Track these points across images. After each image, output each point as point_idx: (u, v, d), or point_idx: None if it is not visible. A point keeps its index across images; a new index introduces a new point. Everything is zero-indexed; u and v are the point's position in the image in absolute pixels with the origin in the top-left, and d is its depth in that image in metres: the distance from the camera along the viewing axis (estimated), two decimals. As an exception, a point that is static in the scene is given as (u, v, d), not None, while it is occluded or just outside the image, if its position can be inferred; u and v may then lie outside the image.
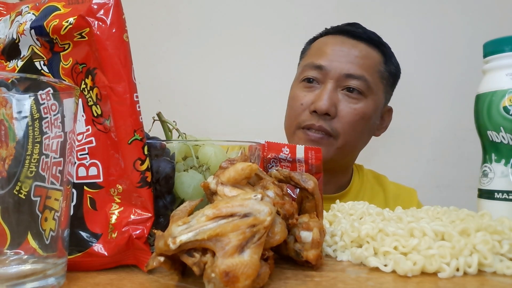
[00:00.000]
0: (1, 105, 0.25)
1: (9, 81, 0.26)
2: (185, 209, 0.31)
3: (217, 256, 0.24)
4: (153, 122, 0.42)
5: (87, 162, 0.32)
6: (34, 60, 0.34)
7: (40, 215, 0.26)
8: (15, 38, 0.34)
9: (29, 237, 0.26)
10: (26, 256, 0.26)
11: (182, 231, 0.25)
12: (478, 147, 0.46)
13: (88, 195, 0.32)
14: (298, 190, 0.34)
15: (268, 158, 0.54)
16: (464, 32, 1.15)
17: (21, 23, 0.34)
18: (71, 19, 0.31)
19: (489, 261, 0.29)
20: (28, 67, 0.34)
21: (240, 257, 0.24)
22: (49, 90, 0.27)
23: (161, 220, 0.35)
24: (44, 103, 0.26)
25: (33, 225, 0.26)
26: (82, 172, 0.32)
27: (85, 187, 0.32)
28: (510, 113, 0.41)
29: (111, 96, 0.31)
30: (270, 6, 1.22)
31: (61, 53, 0.33)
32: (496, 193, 0.42)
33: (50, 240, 0.26)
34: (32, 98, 0.26)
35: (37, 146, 0.26)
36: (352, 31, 0.81)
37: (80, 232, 0.31)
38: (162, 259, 0.26)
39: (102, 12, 0.31)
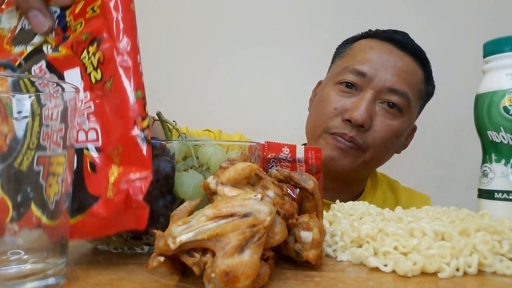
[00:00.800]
0: None
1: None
2: (185, 209, 0.31)
3: (217, 256, 0.24)
4: (153, 122, 0.42)
5: (86, 127, 0.33)
6: (42, 45, 0.36)
7: (44, 184, 0.26)
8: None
9: (33, 207, 0.25)
10: (26, 256, 0.26)
11: (182, 231, 0.25)
12: (478, 147, 0.46)
13: (88, 159, 0.32)
14: (298, 190, 0.34)
15: (268, 158, 0.54)
16: (464, 32, 1.15)
17: None
18: (89, 8, 0.34)
19: (489, 261, 0.29)
20: (36, 52, 0.36)
21: (240, 257, 0.24)
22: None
23: (161, 220, 0.35)
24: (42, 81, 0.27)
25: (36, 195, 0.26)
26: (81, 136, 0.33)
27: (84, 151, 0.33)
28: (510, 113, 0.41)
29: (115, 57, 0.32)
30: (270, 6, 1.22)
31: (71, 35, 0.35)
32: (496, 193, 0.42)
33: (55, 205, 0.26)
34: (32, 98, 0.26)
35: (37, 118, 0.25)
36: (401, 41, 0.76)
37: (81, 195, 0.32)
38: (162, 259, 0.26)
39: None
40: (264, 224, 0.25)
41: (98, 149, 0.32)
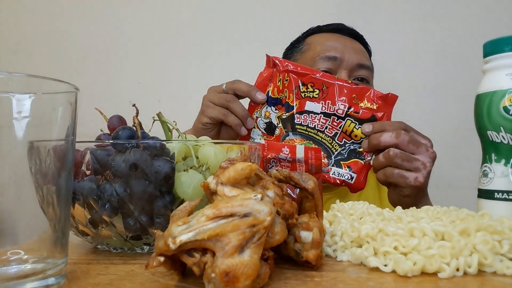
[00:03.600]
0: None
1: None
2: (185, 209, 0.31)
3: (217, 256, 0.24)
4: (153, 122, 0.42)
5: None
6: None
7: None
8: None
9: None
10: (26, 256, 0.26)
11: (182, 231, 0.25)
12: (478, 147, 0.46)
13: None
14: (298, 190, 0.34)
15: (268, 158, 0.54)
16: (464, 32, 1.15)
17: None
18: None
19: (489, 261, 0.29)
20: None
21: (240, 257, 0.24)
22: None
23: (161, 220, 0.35)
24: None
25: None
26: None
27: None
28: (510, 113, 0.41)
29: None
30: (270, 6, 1.22)
31: None
32: (496, 193, 0.42)
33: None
34: (32, 98, 0.26)
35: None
36: (346, 29, 0.90)
37: None
38: (162, 259, 0.26)
39: None
40: (264, 224, 0.25)
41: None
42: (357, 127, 0.64)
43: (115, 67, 1.26)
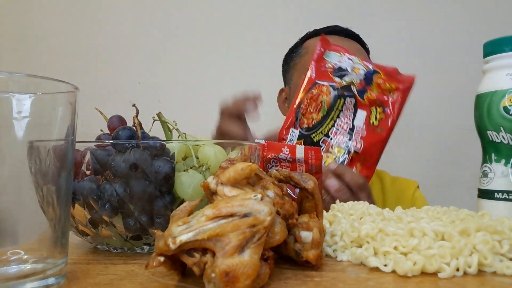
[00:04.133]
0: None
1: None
2: (185, 209, 0.31)
3: (217, 256, 0.24)
4: (153, 122, 0.42)
5: (356, 142, 0.67)
6: (351, 85, 0.68)
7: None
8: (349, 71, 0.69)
9: None
10: (26, 256, 0.26)
11: (182, 231, 0.25)
12: (478, 147, 0.46)
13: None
14: (298, 190, 0.34)
15: (268, 158, 0.54)
16: (464, 32, 1.15)
17: (355, 67, 0.69)
18: (387, 84, 0.68)
19: (489, 261, 0.29)
20: (347, 87, 0.68)
21: (240, 257, 0.24)
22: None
23: (161, 220, 0.35)
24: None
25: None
26: (353, 143, 0.67)
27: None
28: (510, 113, 0.41)
29: (388, 122, 0.68)
30: (269, 7, 1.22)
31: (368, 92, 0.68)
32: (496, 193, 0.42)
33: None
34: (32, 98, 0.26)
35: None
36: (342, 31, 0.90)
37: None
38: (162, 259, 0.26)
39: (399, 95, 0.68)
40: (264, 224, 0.25)
41: (355, 152, 0.65)
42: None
43: (115, 67, 1.26)
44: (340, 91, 0.68)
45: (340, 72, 0.69)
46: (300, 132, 0.68)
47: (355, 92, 0.67)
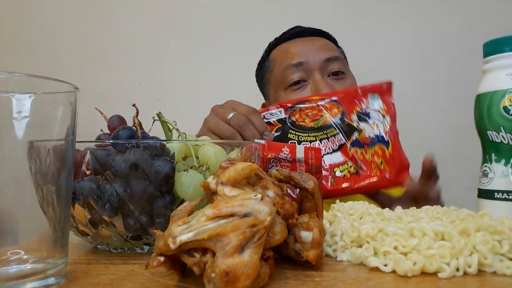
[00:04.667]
0: None
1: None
2: (185, 209, 0.31)
3: (217, 256, 0.24)
4: (153, 122, 0.42)
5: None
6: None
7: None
8: (369, 122, 0.68)
9: None
10: (26, 256, 0.26)
11: (182, 231, 0.25)
12: (478, 147, 0.46)
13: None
14: (298, 190, 0.34)
15: (268, 158, 0.54)
16: (464, 32, 1.15)
17: (376, 124, 0.68)
18: (381, 161, 0.65)
19: (489, 261, 0.29)
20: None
21: (240, 257, 0.24)
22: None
23: (161, 220, 0.35)
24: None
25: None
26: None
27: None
28: (510, 113, 0.41)
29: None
30: (269, 7, 1.22)
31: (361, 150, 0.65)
32: (496, 193, 0.42)
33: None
34: (32, 98, 0.26)
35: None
36: (302, 32, 0.88)
37: None
38: (162, 259, 0.26)
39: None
40: (264, 224, 0.25)
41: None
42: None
43: (115, 67, 1.26)
44: (343, 124, 0.65)
45: (363, 115, 0.66)
46: (285, 118, 0.65)
47: (353, 139, 0.64)
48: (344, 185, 0.63)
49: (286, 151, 0.54)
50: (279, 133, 0.65)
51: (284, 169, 0.35)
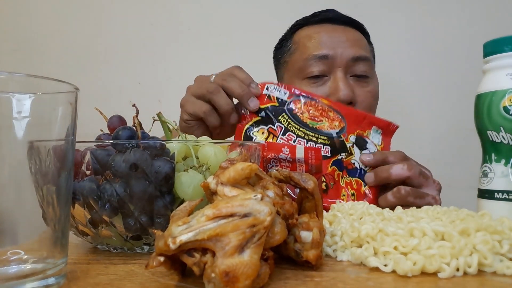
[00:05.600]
0: None
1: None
2: (185, 209, 0.31)
3: (217, 256, 0.24)
4: (153, 122, 0.42)
5: None
6: None
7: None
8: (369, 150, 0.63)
9: None
10: (26, 256, 0.26)
11: (182, 231, 0.25)
12: (478, 147, 0.46)
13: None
14: (298, 190, 0.34)
15: (268, 158, 0.54)
16: (464, 32, 1.15)
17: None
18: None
19: (489, 261, 0.29)
20: None
21: (240, 257, 0.24)
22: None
23: (161, 220, 0.35)
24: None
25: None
26: None
27: None
28: (510, 113, 0.41)
29: None
30: (269, 7, 1.22)
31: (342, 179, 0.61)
32: (496, 193, 0.42)
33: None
34: (32, 98, 0.26)
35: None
36: (336, 18, 0.80)
37: None
38: (162, 259, 0.26)
39: None
40: (264, 224, 0.25)
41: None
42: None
43: (115, 67, 1.26)
44: (337, 139, 0.59)
45: (362, 141, 0.62)
46: (285, 102, 0.60)
47: (338, 158, 0.59)
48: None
49: (286, 151, 0.54)
50: (271, 111, 0.59)
51: (284, 169, 0.35)
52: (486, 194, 0.44)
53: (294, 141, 0.58)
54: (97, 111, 0.42)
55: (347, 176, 0.60)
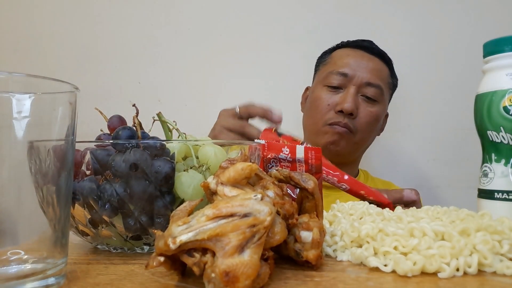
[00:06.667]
0: None
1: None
2: (185, 209, 0.31)
3: (217, 256, 0.24)
4: (153, 122, 0.42)
5: None
6: None
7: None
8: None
9: None
10: (26, 256, 0.26)
11: (182, 231, 0.25)
12: (478, 147, 0.46)
13: None
14: (298, 190, 0.34)
15: (268, 158, 0.54)
16: (464, 32, 1.15)
17: None
18: None
19: (489, 261, 0.29)
20: None
21: (240, 257, 0.24)
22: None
23: (161, 220, 0.35)
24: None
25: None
26: None
27: None
28: (510, 113, 0.41)
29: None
30: (270, 7, 1.22)
31: None
32: (496, 193, 0.42)
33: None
34: (32, 98, 0.26)
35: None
36: (369, 47, 0.96)
37: None
38: (162, 259, 0.26)
39: None
40: (264, 224, 0.25)
41: None
42: None
43: (115, 67, 1.26)
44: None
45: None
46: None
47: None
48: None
49: (286, 151, 0.54)
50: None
51: (284, 169, 0.35)
52: (486, 194, 0.44)
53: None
54: (97, 111, 0.42)
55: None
